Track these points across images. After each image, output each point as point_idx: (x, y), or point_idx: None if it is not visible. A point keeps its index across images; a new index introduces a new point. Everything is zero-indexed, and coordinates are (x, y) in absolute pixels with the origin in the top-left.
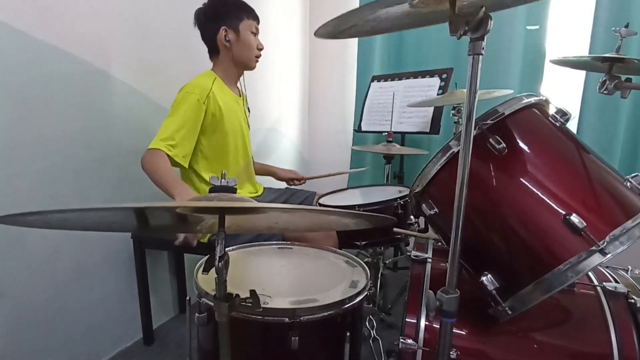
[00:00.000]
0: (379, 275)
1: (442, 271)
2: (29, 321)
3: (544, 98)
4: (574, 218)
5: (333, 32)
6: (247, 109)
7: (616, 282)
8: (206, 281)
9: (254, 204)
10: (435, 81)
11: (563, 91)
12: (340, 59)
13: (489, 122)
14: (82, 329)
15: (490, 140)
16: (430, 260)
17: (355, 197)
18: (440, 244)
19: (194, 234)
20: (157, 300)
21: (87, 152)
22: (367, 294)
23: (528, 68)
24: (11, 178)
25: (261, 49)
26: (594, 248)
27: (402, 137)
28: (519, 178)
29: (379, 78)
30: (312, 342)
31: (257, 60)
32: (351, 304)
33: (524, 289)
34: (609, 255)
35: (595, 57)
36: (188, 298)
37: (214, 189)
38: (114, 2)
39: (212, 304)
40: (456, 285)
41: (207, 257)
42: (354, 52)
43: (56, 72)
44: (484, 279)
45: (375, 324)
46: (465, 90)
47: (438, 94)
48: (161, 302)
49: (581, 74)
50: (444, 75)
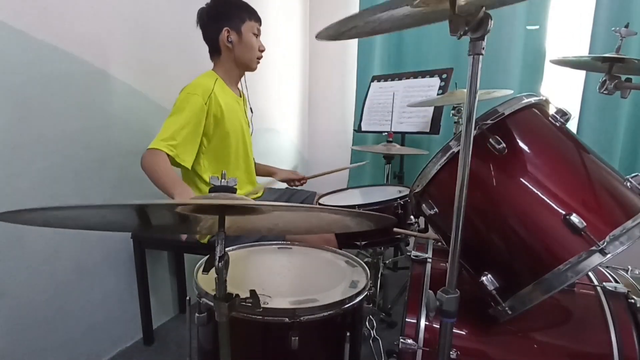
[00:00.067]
0: (379, 275)
1: (442, 271)
2: (29, 321)
3: (544, 98)
4: (574, 218)
5: (334, 35)
6: (250, 110)
7: (616, 282)
8: (206, 281)
9: (254, 203)
10: (435, 81)
11: (563, 91)
12: (340, 59)
13: (489, 122)
14: (82, 329)
15: (490, 140)
16: (430, 260)
17: (355, 197)
18: (440, 244)
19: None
20: (157, 300)
21: (87, 152)
22: (367, 294)
23: (528, 68)
24: (11, 178)
25: (262, 51)
26: (594, 248)
27: (402, 137)
28: (519, 178)
29: (379, 78)
30: (312, 342)
31: (259, 62)
32: (351, 304)
33: (524, 289)
34: (609, 255)
35: (595, 57)
36: (188, 298)
37: (213, 189)
38: (114, 2)
39: (212, 304)
40: (456, 285)
41: (207, 257)
42: (354, 52)
43: (56, 72)
44: (484, 279)
45: (375, 324)
46: (465, 90)
47: (438, 94)
48: (161, 302)
49: (581, 74)
50: (444, 75)
